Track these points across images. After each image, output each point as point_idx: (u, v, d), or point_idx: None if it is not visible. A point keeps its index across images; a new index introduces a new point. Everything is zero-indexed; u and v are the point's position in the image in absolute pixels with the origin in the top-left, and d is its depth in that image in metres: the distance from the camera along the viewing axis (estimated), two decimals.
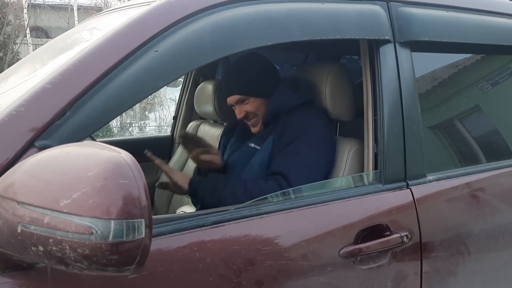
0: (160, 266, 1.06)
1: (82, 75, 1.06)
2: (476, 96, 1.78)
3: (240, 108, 1.78)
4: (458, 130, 1.73)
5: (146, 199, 0.78)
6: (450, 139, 1.71)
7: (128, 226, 0.76)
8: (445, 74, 1.70)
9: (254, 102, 1.76)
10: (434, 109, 1.66)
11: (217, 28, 1.22)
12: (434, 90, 1.67)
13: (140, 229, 0.77)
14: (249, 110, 1.77)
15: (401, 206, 1.43)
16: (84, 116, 1.04)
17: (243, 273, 1.15)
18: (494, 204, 1.64)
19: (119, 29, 1.16)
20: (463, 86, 1.73)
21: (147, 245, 0.79)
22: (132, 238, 0.76)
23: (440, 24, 1.60)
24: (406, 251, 1.40)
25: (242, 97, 1.76)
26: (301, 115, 1.68)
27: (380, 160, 1.45)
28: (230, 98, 1.79)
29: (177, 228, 1.11)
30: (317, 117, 1.68)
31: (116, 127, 10.68)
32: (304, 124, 1.64)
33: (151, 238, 0.79)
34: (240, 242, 1.16)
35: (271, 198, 1.30)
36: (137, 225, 0.76)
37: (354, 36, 1.44)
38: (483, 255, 1.59)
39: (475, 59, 1.77)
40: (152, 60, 1.13)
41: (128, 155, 0.81)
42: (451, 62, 1.71)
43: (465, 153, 1.72)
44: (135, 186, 0.77)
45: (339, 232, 1.31)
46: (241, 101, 1.77)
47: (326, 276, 1.26)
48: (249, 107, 1.77)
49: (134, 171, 0.78)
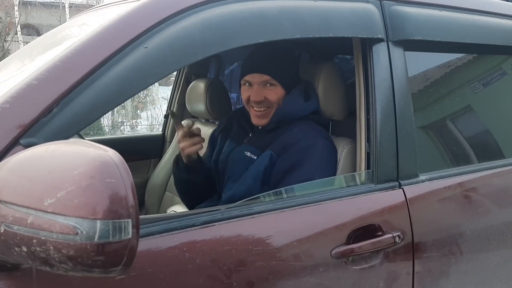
0: (149, 267, 1.04)
1: (69, 71, 1.04)
2: (468, 96, 1.77)
3: (260, 90, 1.63)
4: (451, 130, 1.72)
5: (133, 199, 0.76)
6: (443, 139, 1.70)
7: (115, 227, 0.74)
8: (438, 74, 1.69)
9: (279, 91, 1.64)
10: (427, 108, 1.65)
11: (208, 25, 1.20)
12: (427, 90, 1.66)
13: (127, 230, 0.75)
14: (269, 98, 1.63)
15: (394, 206, 1.42)
16: (71, 113, 1.01)
17: (234, 273, 1.13)
18: (487, 205, 1.63)
19: (108, 25, 1.13)
20: (456, 86, 1.72)
21: (134, 246, 0.77)
22: (119, 239, 0.74)
23: (433, 23, 1.59)
24: (398, 252, 1.39)
25: (270, 79, 1.62)
26: (304, 132, 1.59)
27: (373, 160, 1.44)
28: (256, 76, 1.63)
29: (167, 228, 1.09)
30: (321, 134, 1.61)
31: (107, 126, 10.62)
32: (308, 144, 1.56)
33: (138, 238, 0.77)
34: (231, 242, 1.14)
35: (262, 198, 1.28)
36: (123, 225, 0.74)
37: (346, 34, 1.43)
38: (475, 256, 1.58)
39: (468, 59, 1.77)
40: (141, 56, 1.10)
41: (115, 153, 0.79)
42: (444, 62, 1.70)
43: (457, 153, 1.71)
44: (122, 186, 0.75)
45: (331, 232, 1.29)
46: (266, 84, 1.63)
47: (317, 276, 1.25)
48: (271, 94, 1.64)
49: (121, 170, 0.76)
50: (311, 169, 1.50)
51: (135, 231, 0.76)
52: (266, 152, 1.60)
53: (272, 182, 1.54)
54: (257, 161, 1.60)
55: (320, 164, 1.53)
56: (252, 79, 1.66)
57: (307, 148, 1.55)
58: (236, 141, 1.77)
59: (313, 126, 1.65)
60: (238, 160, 1.67)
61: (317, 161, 1.53)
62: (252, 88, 1.66)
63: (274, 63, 1.65)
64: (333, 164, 1.57)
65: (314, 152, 1.55)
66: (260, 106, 1.66)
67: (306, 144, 1.56)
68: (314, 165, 1.52)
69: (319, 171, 1.49)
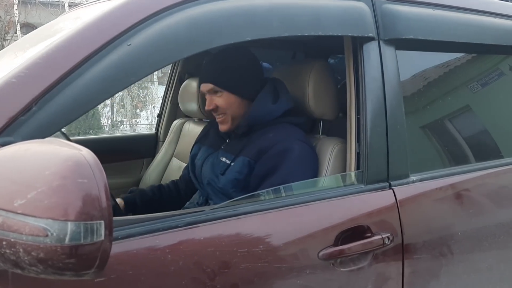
0: (130, 269, 1.02)
1: (50, 69, 1.02)
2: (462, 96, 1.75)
3: (211, 98, 1.66)
4: (443, 131, 1.70)
5: (107, 200, 0.74)
6: (435, 139, 1.68)
7: (86, 228, 0.71)
8: (430, 73, 1.66)
9: (227, 98, 1.64)
10: (419, 108, 1.63)
11: (194, 22, 1.18)
12: (419, 89, 1.64)
13: (99, 231, 0.73)
14: (219, 105, 1.65)
15: (383, 207, 1.40)
16: (51, 112, 0.99)
17: (218, 276, 1.11)
18: (479, 206, 1.61)
19: (91, 22, 1.11)
20: (448, 85, 1.70)
21: (107, 249, 0.75)
22: (91, 241, 0.72)
23: (425, 22, 1.56)
24: (388, 253, 1.37)
25: (214, 87, 1.64)
26: (279, 136, 1.57)
27: (363, 160, 1.42)
28: (203, 86, 1.68)
29: (149, 230, 1.07)
30: (297, 137, 1.58)
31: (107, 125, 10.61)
32: (283, 148, 1.53)
33: (111, 241, 0.75)
34: (215, 244, 1.12)
35: (248, 199, 1.26)
36: (96, 227, 0.72)
37: (337, 32, 1.40)
38: (467, 257, 1.56)
39: (461, 58, 1.74)
40: (124, 54, 1.08)
41: (89, 153, 0.77)
42: (437, 61, 1.68)
43: (449, 153, 1.69)
44: (94, 186, 0.73)
45: (319, 234, 1.27)
46: (214, 92, 1.65)
47: (304, 278, 1.23)
48: (220, 101, 1.65)
49: (94, 170, 0.74)
50: (286, 174, 1.47)
51: (108, 233, 0.74)
52: (242, 159, 1.58)
53: (251, 188, 1.51)
54: (233, 167, 1.59)
55: (295, 168, 1.50)
56: (202, 89, 1.70)
57: (282, 153, 1.52)
58: (213, 147, 1.79)
59: (289, 129, 1.61)
60: (214, 165, 1.68)
61: (292, 165, 1.50)
62: (206, 97, 1.70)
63: (215, 71, 1.66)
64: (311, 166, 1.54)
65: (290, 157, 1.51)
66: (216, 113, 1.69)
67: (281, 149, 1.53)
68: (289, 170, 1.49)
69: (295, 175, 1.45)
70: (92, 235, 0.72)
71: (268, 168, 1.52)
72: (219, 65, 1.67)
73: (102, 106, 10.60)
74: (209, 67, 1.69)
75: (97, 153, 2.37)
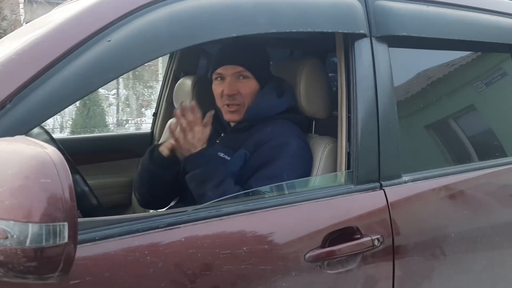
0: (106, 271, 0.99)
1: (25, 66, 1.00)
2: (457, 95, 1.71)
3: (233, 83, 1.57)
4: (437, 130, 1.66)
5: (71, 201, 0.71)
6: (429, 139, 1.64)
7: (48, 230, 0.69)
8: (424, 71, 1.63)
9: (252, 85, 1.58)
10: (412, 107, 1.59)
11: (177, 18, 1.15)
12: (413, 88, 1.60)
13: (63, 234, 0.70)
14: (242, 92, 1.57)
15: (373, 208, 1.36)
16: (25, 109, 0.97)
17: (199, 278, 1.08)
18: (473, 206, 1.57)
19: (70, 17, 1.09)
20: (442, 83, 1.66)
21: (71, 251, 0.72)
22: (53, 244, 0.69)
23: (419, 19, 1.53)
24: (378, 255, 1.33)
25: (244, 71, 1.56)
26: (277, 131, 1.54)
27: (353, 160, 1.38)
28: (229, 68, 1.56)
29: (128, 230, 1.04)
30: (294, 134, 1.55)
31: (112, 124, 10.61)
32: (280, 143, 1.51)
33: (75, 243, 0.72)
34: (197, 245, 1.09)
35: (233, 199, 1.23)
36: (58, 229, 0.69)
37: (326, 29, 1.37)
38: (460, 259, 1.52)
39: (455, 56, 1.70)
40: (103, 50, 1.06)
41: (55, 152, 0.74)
42: (431, 59, 1.64)
43: (443, 153, 1.65)
44: (58, 186, 0.70)
45: (305, 235, 1.24)
46: (239, 76, 1.57)
47: (290, 281, 1.19)
48: (244, 87, 1.57)
49: (59, 169, 0.72)
50: (280, 167, 1.45)
51: (72, 235, 0.71)
52: (240, 152, 1.55)
53: (243, 179, 1.48)
54: (232, 161, 1.55)
55: (290, 163, 1.47)
56: (224, 71, 1.59)
57: (279, 147, 1.50)
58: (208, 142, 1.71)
59: (287, 125, 1.59)
60: None
61: (287, 160, 1.48)
62: (224, 81, 1.60)
63: (247, 55, 1.60)
64: (305, 164, 1.52)
65: (286, 151, 1.49)
66: (232, 101, 1.59)
67: (278, 143, 1.51)
68: (284, 164, 1.46)
69: (289, 170, 1.43)
70: (55, 238, 0.69)
71: (263, 160, 1.50)
72: (249, 49, 1.60)
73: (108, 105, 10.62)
74: (237, 49, 1.60)
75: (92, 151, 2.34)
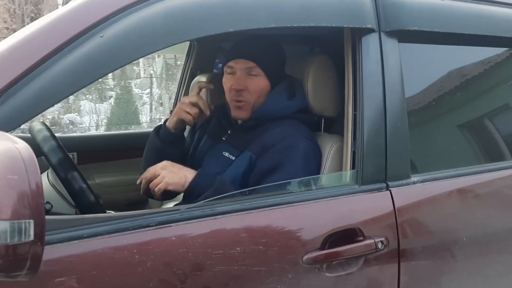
0: (93, 269, 0.98)
1: (15, 62, 1.00)
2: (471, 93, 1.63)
3: (243, 78, 1.54)
4: (450, 129, 1.58)
5: (38, 197, 0.69)
6: (441, 138, 1.57)
7: (13, 228, 0.67)
8: (436, 68, 1.56)
9: (262, 82, 1.54)
10: (423, 105, 1.52)
11: (172, 13, 1.13)
12: (424, 85, 1.53)
13: (28, 231, 0.68)
14: (250, 88, 1.53)
15: (378, 210, 1.31)
16: (14, 105, 0.97)
17: (189, 278, 1.06)
18: (488, 209, 1.50)
19: (63, 13, 1.09)
20: (456, 80, 1.59)
21: (38, 249, 0.70)
22: (18, 241, 0.68)
23: (432, 12, 1.46)
24: (382, 259, 1.28)
25: (255, 66, 1.52)
26: (285, 133, 1.49)
27: (358, 159, 1.34)
28: (241, 62, 1.53)
29: (117, 229, 1.03)
30: (303, 135, 1.51)
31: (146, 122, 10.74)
32: (288, 145, 1.46)
33: (42, 241, 0.71)
34: (188, 244, 1.07)
35: (228, 198, 1.20)
36: (24, 226, 0.68)
37: (330, 23, 1.32)
38: (473, 265, 1.45)
39: (471, 52, 1.61)
40: (95, 46, 1.05)
41: (26, 147, 0.72)
42: (444, 55, 1.56)
43: (456, 153, 1.57)
44: (25, 183, 0.69)
45: (304, 236, 1.20)
46: (249, 72, 1.53)
47: (286, 283, 1.16)
48: (253, 83, 1.53)
49: (28, 166, 0.70)
50: (289, 173, 1.39)
51: (38, 232, 0.70)
52: (245, 154, 1.51)
53: (250, 184, 1.43)
54: (236, 163, 1.51)
55: (299, 167, 1.42)
56: (235, 65, 1.56)
57: (287, 149, 1.45)
58: (214, 138, 1.69)
59: (295, 126, 1.54)
60: (216, 160, 1.58)
61: (298, 163, 1.43)
62: (235, 76, 1.57)
63: (261, 51, 1.56)
64: (316, 166, 1.47)
65: (295, 154, 1.44)
66: (239, 97, 1.55)
67: (287, 145, 1.46)
68: (295, 167, 1.42)
69: (300, 174, 1.38)
70: (20, 235, 0.68)
71: (271, 165, 1.45)
72: (263, 44, 1.57)
73: (141, 104, 10.75)
74: (251, 44, 1.57)
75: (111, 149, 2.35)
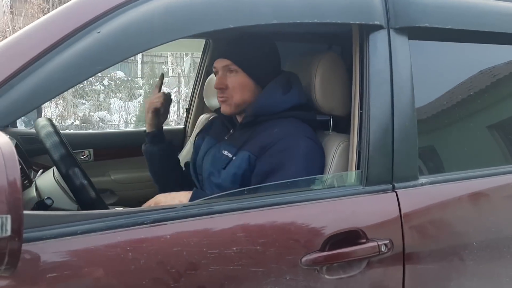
0: (85, 266, 0.97)
1: (11, 58, 1.00)
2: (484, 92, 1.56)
3: (223, 77, 1.58)
4: (460, 130, 1.53)
5: (16, 193, 0.69)
6: (452, 139, 1.51)
7: None
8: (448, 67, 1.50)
9: (241, 78, 1.56)
10: (433, 104, 1.47)
11: (171, 9, 1.12)
12: (435, 84, 1.48)
13: (5, 226, 0.68)
14: (230, 85, 1.57)
15: (383, 212, 1.27)
16: (9, 100, 0.97)
17: (183, 277, 1.04)
18: (500, 213, 1.44)
19: (61, 9, 1.09)
20: (469, 79, 1.53)
21: (16, 245, 0.70)
22: None
23: (444, 8, 1.41)
24: (385, 262, 1.24)
25: (231, 64, 1.56)
26: (285, 132, 1.47)
27: (363, 159, 1.30)
28: (219, 61, 1.59)
29: (111, 226, 1.02)
30: (303, 134, 1.48)
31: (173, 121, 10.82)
32: (288, 145, 1.44)
33: (20, 236, 0.70)
34: (183, 243, 1.06)
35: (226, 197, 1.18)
36: (1, 221, 0.68)
37: (336, 20, 1.29)
38: (483, 270, 1.39)
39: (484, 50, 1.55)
40: (92, 42, 1.04)
41: (7, 142, 0.72)
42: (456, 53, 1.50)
43: (467, 155, 1.51)
44: (3, 178, 0.69)
45: (303, 237, 1.17)
46: (228, 70, 1.57)
47: (283, 285, 1.13)
48: (232, 81, 1.56)
49: (7, 160, 0.70)
50: (293, 172, 1.37)
51: (16, 228, 0.69)
52: (244, 153, 1.49)
53: (252, 185, 1.40)
54: (235, 162, 1.50)
55: (300, 168, 1.40)
56: (217, 65, 1.61)
57: (287, 150, 1.43)
58: (217, 138, 1.70)
59: (295, 125, 1.51)
60: (216, 159, 1.58)
61: (299, 163, 1.40)
62: (218, 75, 1.61)
63: (237, 49, 1.58)
64: (318, 165, 1.45)
65: (296, 154, 1.42)
66: (222, 95, 1.60)
67: (287, 145, 1.43)
68: (296, 168, 1.39)
69: (301, 174, 1.35)
70: None
71: (271, 166, 1.43)
72: (240, 43, 1.59)
73: None
74: (229, 44, 1.61)
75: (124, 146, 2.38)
